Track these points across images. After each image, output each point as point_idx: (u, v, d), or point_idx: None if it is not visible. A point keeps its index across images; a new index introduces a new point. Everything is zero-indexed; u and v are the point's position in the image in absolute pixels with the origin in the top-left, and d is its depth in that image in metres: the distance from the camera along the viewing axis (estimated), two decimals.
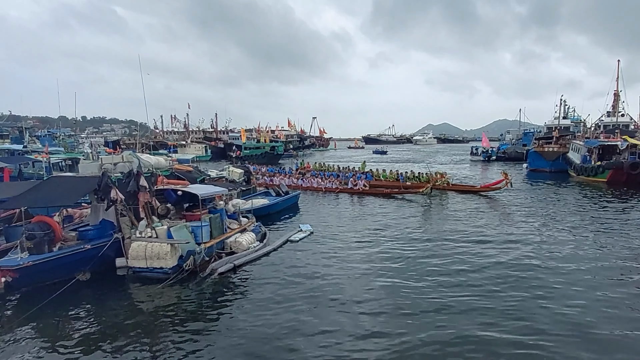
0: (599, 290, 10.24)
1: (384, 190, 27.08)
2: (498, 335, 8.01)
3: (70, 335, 8.26)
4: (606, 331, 8.20)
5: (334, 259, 12.95)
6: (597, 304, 9.49)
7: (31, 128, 60.06)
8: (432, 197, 24.93)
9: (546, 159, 43.82)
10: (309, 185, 29.02)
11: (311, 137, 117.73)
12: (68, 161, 29.60)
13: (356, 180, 28.13)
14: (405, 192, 26.40)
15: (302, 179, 29.94)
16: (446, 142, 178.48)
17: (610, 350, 7.53)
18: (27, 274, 10.02)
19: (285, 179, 29.63)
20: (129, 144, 57.09)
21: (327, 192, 27.82)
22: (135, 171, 12.75)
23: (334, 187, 28.28)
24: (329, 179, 29.51)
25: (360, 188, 27.47)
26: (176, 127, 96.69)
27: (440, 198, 24.95)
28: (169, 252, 11.16)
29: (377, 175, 31.42)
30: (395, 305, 9.40)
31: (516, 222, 18.37)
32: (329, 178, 29.68)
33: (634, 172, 29.80)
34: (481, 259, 12.72)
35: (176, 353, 7.53)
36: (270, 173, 33.01)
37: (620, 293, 10.12)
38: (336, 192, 27.53)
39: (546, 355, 7.29)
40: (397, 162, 59.55)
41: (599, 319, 8.73)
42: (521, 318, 8.73)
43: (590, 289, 10.36)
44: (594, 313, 8.99)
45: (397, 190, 26.71)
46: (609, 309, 9.22)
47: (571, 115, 60.35)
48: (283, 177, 30.41)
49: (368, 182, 28.40)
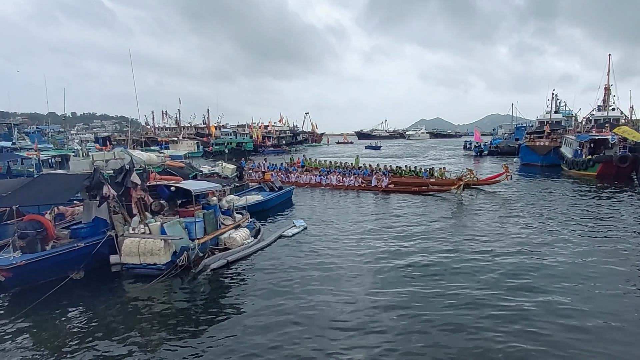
0: (594, 282, 10.42)
1: (412, 188, 25.55)
2: (494, 332, 8.09)
3: (64, 333, 8.21)
4: (601, 320, 8.33)
5: (327, 254, 12.96)
6: (594, 297, 9.63)
7: (20, 125, 59.42)
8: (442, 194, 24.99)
9: (538, 153, 44.19)
10: (328, 183, 28.08)
11: (304, 133, 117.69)
12: (57, 158, 29.32)
13: (380, 177, 27.04)
14: (435, 189, 25.11)
15: (321, 175, 29.05)
16: (439, 136, 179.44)
17: (604, 340, 7.64)
18: (20, 273, 9.92)
19: (302, 177, 29.22)
20: (120, 140, 56.67)
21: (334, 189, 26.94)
22: (127, 168, 12.65)
23: (356, 184, 27.20)
24: (353, 176, 28.08)
25: (383, 186, 26.11)
26: (167, 123, 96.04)
27: (435, 194, 25.01)
28: (163, 248, 11.12)
29: (397, 171, 30.10)
30: (389, 301, 9.44)
31: (507, 215, 18.54)
32: (353, 175, 28.24)
33: (623, 166, 30.15)
34: (477, 255, 12.81)
35: (170, 349, 7.52)
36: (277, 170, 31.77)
37: (612, 283, 10.29)
38: (357, 190, 26.50)
39: (544, 350, 7.38)
40: (391, 158, 59.65)
41: (595, 309, 8.85)
42: (517, 313, 8.83)
43: (586, 280, 10.52)
44: (590, 304, 9.12)
45: (426, 188, 25.39)
46: (604, 301, 9.36)
47: (563, 110, 60.79)
48: (299, 175, 29.74)
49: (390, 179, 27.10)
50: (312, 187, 28.04)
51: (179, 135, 79.22)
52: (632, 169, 29.71)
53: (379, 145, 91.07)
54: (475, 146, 63.65)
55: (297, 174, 30.17)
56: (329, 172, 29.91)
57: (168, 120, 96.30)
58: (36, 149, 27.32)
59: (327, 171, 30.28)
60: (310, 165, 34.23)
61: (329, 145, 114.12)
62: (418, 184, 26.25)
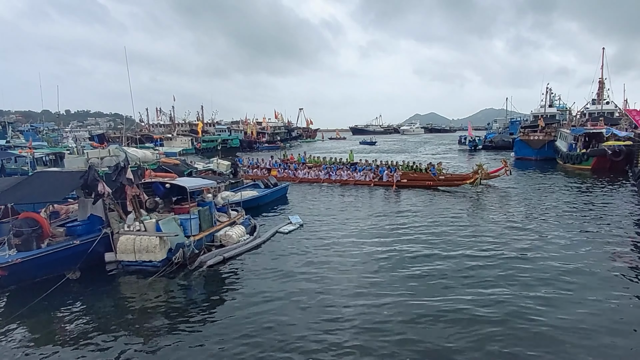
0: (590, 276, 10.54)
1: (427, 183, 25.55)
2: (492, 328, 8.18)
3: (60, 332, 8.23)
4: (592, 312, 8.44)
5: (323, 251, 13.00)
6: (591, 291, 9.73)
7: (14, 123, 59.02)
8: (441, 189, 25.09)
9: (532, 147, 44.40)
10: (337, 179, 27.98)
11: (298, 129, 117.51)
12: (52, 156, 29.16)
13: (391, 173, 26.94)
14: (451, 184, 25.15)
15: (330, 172, 28.87)
16: (433, 131, 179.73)
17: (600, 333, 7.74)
18: (16, 271, 9.92)
19: (310, 173, 29.14)
20: (115, 137, 56.37)
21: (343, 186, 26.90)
22: (122, 165, 12.64)
23: (367, 179, 27.15)
24: (363, 171, 28.06)
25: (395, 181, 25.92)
26: (162, 120, 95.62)
27: (433, 189, 25.09)
28: (158, 245, 11.14)
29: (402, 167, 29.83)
30: (386, 297, 9.51)
31: (501, 210, 18.70)
32: (363, 171, 28.20)
33: (617, 159, 30.32)
34: (475, 250, 12.93)
35: (166, 345, 7.54)
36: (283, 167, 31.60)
37: (603, 276, 10.42)
38: (371, 186, 26.34)
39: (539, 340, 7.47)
40: (385, 153, 59.69)
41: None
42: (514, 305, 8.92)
43: (583, 275, 10.62)
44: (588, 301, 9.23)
45: (441, 182, 25.45)
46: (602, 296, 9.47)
47: (557, 104, 61.09)
48: (308, 170, 29.65)
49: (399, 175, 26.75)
50: (320, 183, 27.92)
51: (173, 132, 78.91)
52: (626, 162, 29.92)
53: (374, 140, 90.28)
54: (469, 141, 63.86)
55: (304, 170, 30.11)
56: (337, 167, 29.75)
57: (162, 118, 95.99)
58: (30, 146, 27.14)
59: (337, 167, 30.03)
60: (311, 162, 33.77)
61: (323, 141, 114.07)
62: (428, 180, 26.04)
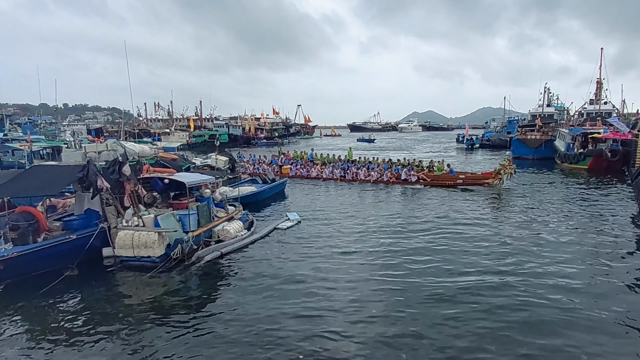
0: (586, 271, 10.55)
1: (447, 182, 25.09)
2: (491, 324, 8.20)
3: (57, 327, 8.19)
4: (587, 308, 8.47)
5: (321, 247, 13.00)
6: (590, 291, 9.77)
7: (12, 116, 58.66)
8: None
9: (529, 147, 44.48)
10: (353, 177, 27.77)
11: (296, 125, 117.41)
12: (49, 149, 29.00)
13: (409, 172, 26.54)
14: (473, 183, 24.79)
15: (347, 171, 28.50)
16: (431, 129, 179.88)
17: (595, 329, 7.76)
18: (12, 265, 9.87)
19: (325, 171, 28.97)
20: (112, 131, 56.18)
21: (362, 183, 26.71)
22: (120, 159, 12.58)
23: (385, 179, 26.74)
24: (378, 169, 27.77)
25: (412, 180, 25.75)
26: (160, 115, 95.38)
27: (428, 189, 25.12)
28: (157, 240, 11.11)
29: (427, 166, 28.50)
30: (383, 293, 9.52)
31: (498, 209, 18.76)
32: (377, 169, 27.88)
33: (614, 159, 30.41)
34: (474, 249, 12.95)
35: (163, 342, 7.53)
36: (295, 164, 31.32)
37: (595, 274, 10.44)
38: (388, 185, 26.00)
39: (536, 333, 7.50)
40: (382, 150, 59.67)
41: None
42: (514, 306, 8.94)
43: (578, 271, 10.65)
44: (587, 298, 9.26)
45: (462, 181, 25.00)
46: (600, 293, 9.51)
47: (555, 103, 61.14)
48: (320, 169, 29.49)
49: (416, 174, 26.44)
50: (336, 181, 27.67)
51: (171, 127, 78.71)
52: (622, 162, 29.97)
53: (373, 137, 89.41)
54: (467, 139, 63.99)
55: (318, 167, 29.91)
56: (349, 165, 29.49)
57: (160, 112, 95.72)
58: (29, 140, 26.98)
59: (349, 165, 29.68)
60: (318, 159, 33.04)
61: (321, 137, 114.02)
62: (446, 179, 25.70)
